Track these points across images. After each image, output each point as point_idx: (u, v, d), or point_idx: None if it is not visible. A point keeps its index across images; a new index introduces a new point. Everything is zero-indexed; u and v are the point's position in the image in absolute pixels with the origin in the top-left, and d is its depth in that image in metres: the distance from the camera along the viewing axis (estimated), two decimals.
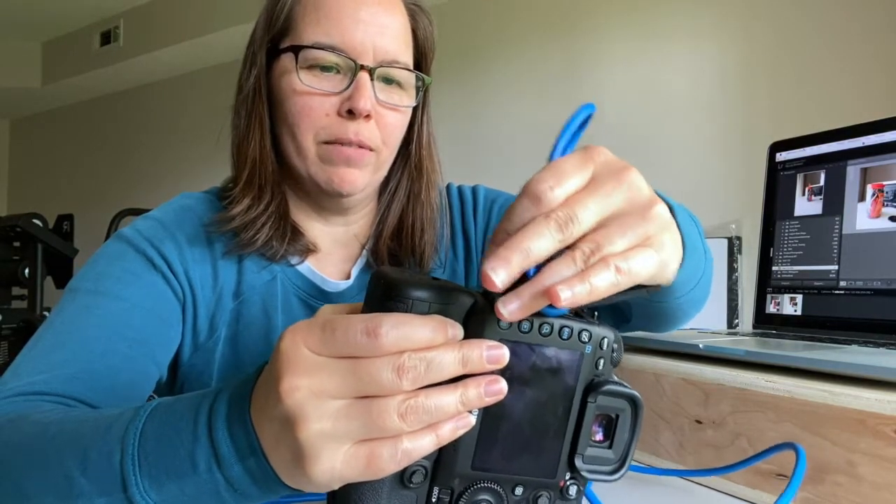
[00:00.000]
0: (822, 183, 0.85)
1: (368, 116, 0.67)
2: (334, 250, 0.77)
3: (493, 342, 0.32)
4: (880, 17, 1.83)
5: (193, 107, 3.69)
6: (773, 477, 0.53)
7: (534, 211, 0.32)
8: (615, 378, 0.36)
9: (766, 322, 0.89)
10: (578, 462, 0.36)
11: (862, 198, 0.80)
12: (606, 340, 0.35)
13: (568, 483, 0.36)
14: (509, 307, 0.31)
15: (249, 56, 0.71)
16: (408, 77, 0.70)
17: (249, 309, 0.71)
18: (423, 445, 0.32)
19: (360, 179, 0.69)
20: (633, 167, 0.35)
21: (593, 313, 0.36)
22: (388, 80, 0.69)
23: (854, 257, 0.80)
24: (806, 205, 0.87)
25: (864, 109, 1.20)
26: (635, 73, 2.30)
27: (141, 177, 4.01)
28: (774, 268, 0.89)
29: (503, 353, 0.32)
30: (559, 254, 0.32)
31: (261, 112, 0.70)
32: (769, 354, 0.60)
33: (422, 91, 0.73)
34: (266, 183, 0.71)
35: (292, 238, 0.71)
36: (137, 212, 2.70)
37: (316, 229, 0.76)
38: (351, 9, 0.66)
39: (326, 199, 0.72)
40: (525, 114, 2.54)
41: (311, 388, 0.32)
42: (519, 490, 0.36)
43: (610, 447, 0.36)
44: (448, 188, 0.85)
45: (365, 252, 0.78)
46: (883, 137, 0.79)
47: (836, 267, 0.82)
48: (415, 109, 0.74)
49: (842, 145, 0.84)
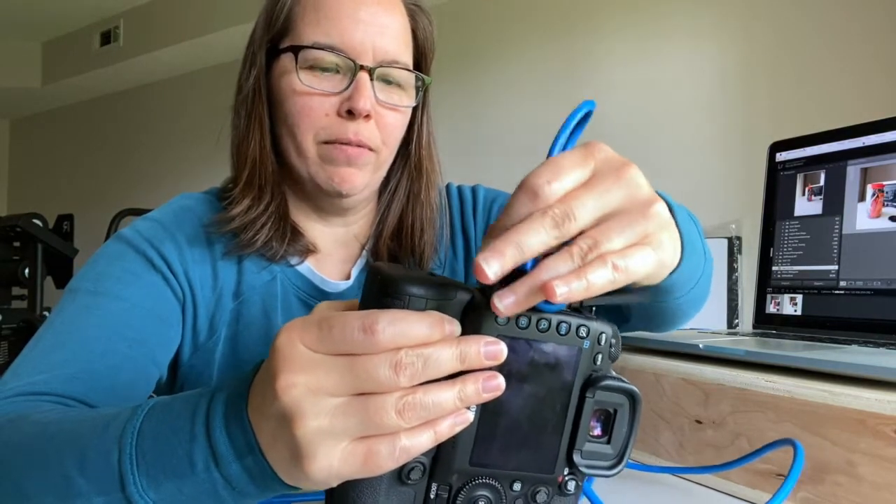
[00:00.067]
0: (822, 183, 0.85)
1: (368, 116, 0.67)
2: (334, 251, 0.77)
3: (491, 338, 0.32)
4: (880, 17, 1.83)
5: (193, 107, 3.69)
6: (773, 476, 0.53)
7: (530, 206, 0.32)
8: (613, 373, 0.36)
9: (766, 322, 0.89)
10: (577, 457, 0.35)
11: (862, 198, 0.80)
12: (604, 336, 0.35)
13: (566, 478, 0.36)
14: (505, 302, 0.31)
15: (249, 56, 0.71)
16: (407, 77, 0.70)
17: (249, 309, 0.71)
18: (421, 442, 0.32)
19: (360, 179, 0.69)
20: (634, 164, 0.35)
21: (591, 309, 0.36)
22: (388, 81, 0.69)
23: (854, 257, 0.80)
24: (806, 205, 0.87)
25: (864, 109, 1.20)
26: (635, 73, 2.30)
27: (141, 177, 4.01)
28: (774, 268, 0.89)
29: (501, 349, 0.32)
30: (557, 250, 0.32)
31: (260, 112, 0.70)
32: (769, 354, 0.60)
33: (421, 91, 0.73)
34: (266, 183, 0.71)
35: (292, 238, 0.71)
36: (137, 212, 2.70)
37: (316, 230, 0.76)
38: (350, 9, 0.66)
39: (326, 200, 0.72)
40: (525, 114, 2.54)
41: (308, 385, 0.32)
42: (517, 486, 0.36)
43: (608, 442, 0.36)
44: (448, 188, 0.85)
45: (365, 252, 0.78)
46: (883, 137, 0.79)
47: (836, 267, 0.82)
48: (415, 109, 0.74)
49: (842, 145, 0.84)
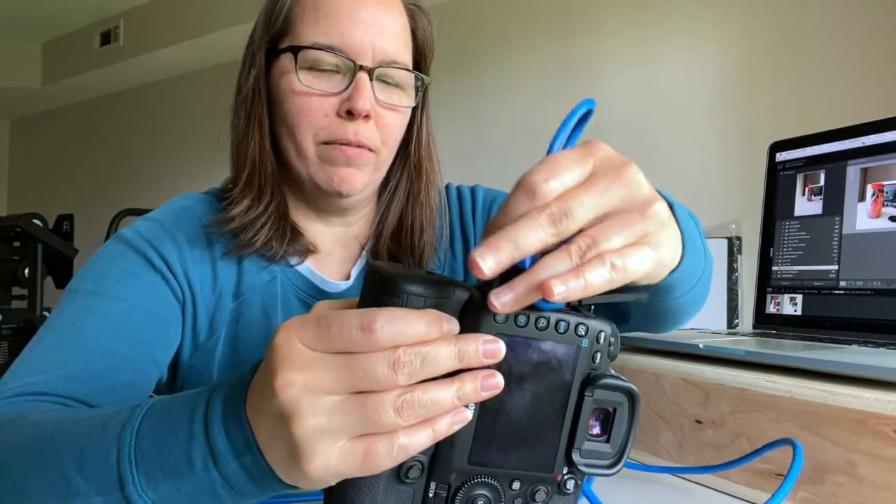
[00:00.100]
0: (822, 183, 0.85)
1: (368, 117, 0.67)
2: (334, 251, 0.77)
3: (489, 336, 0.32)
4: (880, 17, 1.83)
5: (193, 107, 3.69)
6: (773, 476, 0.53)
7: (528, 204, 0.32)
8: (612, 372, 0.35)
9: (766, 322, 0.89)
10: (576, 456, 0.35)
11: (862, 198, 0.80)
12: (603, 334, 0.35)
13: (565, 477, 0.36)
14: (502, 299, 0.31)
15: (248, 56, 0.71)
16: (407, 77, 0.70)
17: (249, 309, 0.71)
18: (420, 440, 0.32)
19: (360, 179, 0.69)
20: (634, 163, 0.35)
21: (590, 308, 0.36)
22: (388, 81, 0.69)
23: (854, 257, 0.80)
24: (806, 205, 0.86)
25: (864, 109, 1.20)
26: (635, 73, 2.30)
27: (141, 177, 4.01)
28: (774, 268, 0.89)
29: (499, 348, 0.32)
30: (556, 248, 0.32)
31: (260, 113, 0.70)
32: (769, 354, 0.60)
33: (421, 91, 0.73)
34: (265, 183, 0.71)
35: (292, 239, 0.71)
36: (137, 212, 2.70)
37: (316, 230, 0.76)
38: (350, 9, 0.66)
39: (326, 200, 0.72)
40: (525, 114, 2.54)
41: (306, 384, 0.32)
42: (516, 485, 0.35)
43: (607, 441, 0.36)
44: (447, 188, 0.85)
45: (365, 253, 0.78)
46: (883, 137, 0.79)
47: (836, 267, 0.82)
48: (414, 109, 0.73)
49: (842, 145, 0.83)
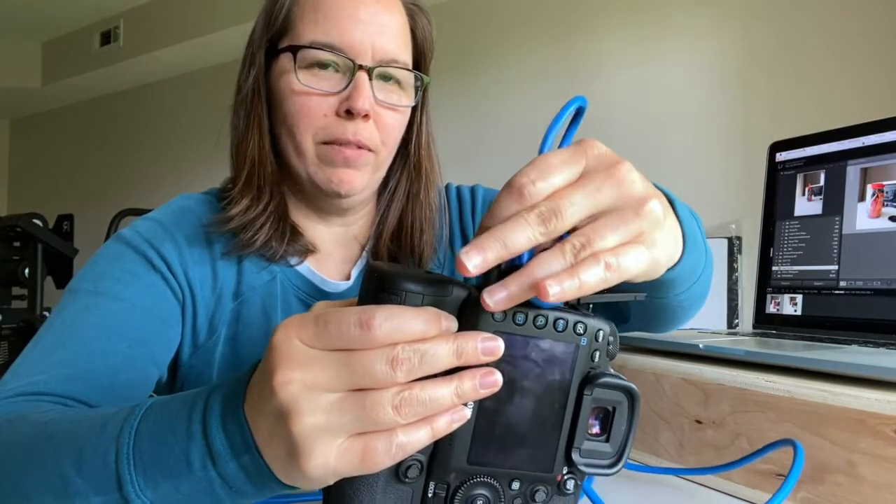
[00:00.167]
0: (822, 183, 0.85)
1: (367, 116, 0.67)
2: (334, 251, 0.77)
3: (488, 334, 0.32)
4: (880, 17, 1.83)
5: (193, 107, 3.69)
6: (773, 477, 0.53)
7: (516, 206, 0.32)
8: (611, 371, 0.35)
9: (766, 322, 0.89)
10: (575, 456, 0.35)
11: (862, 198, 0.80)
12: (602, 333, 0.35)
13: (565, 477, 0.36)
14: (495, 297, 0.31)
15: (248, 56, 0.71)
16: (406, 77, 0.70)
17: (249, 309, 0.71)
18: (418, 438, 0.32)
19: (359, 180, 0.69)
20: (628, 161, 0.35)
21: (588, 307, 0.35)
22: (387, 79, 0.69)
23: (854, 257, 0.80)
24: (806, 205, 0.86)
25: (864, 109, 1.20)
26: (635, 73, 2.30)
27: (141, 177, 4.01)
28: (774, 268, 0.89)
29: (498, 345, 0.32)
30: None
31: (259, 112, 0.70)
32: (769, 354, 0.60)
33: (421, 91, 0.73)
34: (265, 183, 0.71)
35: (291, 238, 0.71)
36: (137, 212, 2.70)
37: (315, 230, 0.76)
38: (350, 8, 0.66)
39: (325, 200, 0.72)
40: (525, 114, 2.54)
41: (305, 382, 0.32)
42: (516, 484, 0.35)
43: (607, 440, 0.36)
44: (447, 188, 0.85)
45: (365, 253, 0.78)
46: (883, 137, 0.79)
47: (836, 267, 0.81)
48: (414, 109, 0.73)
49: (842, 145, 0.83)
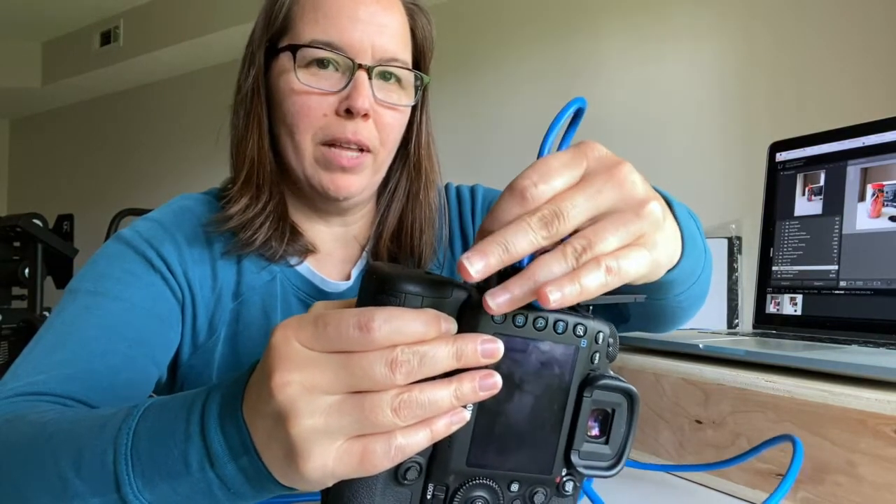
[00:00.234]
0: (822, 183, 0.85)
1: (367, 116, 0.67)
2: (334, 251, 0.77)
3: (488, 336, 0.32)
4: (880, 17, 1.83)
5: (193, 107, 3.69)
6: (773, 476, 0.53)
7: (517, 209, 0.32)
8: (611, 373, 0.35)
9: (766, 322, 0.89)
10: (574, 458, 0.35)
11: (862, 198, 0.80)
12: (602, 335, 0.34)
13: (564, 479, 0.36)
14: (498, 300, 0.31)
15: (248, 56, 0.71)
16: (406, 76, 0.70)
17: (249, 309, 0.71)
18: (417, 441, 0.32)
19: (357, 184, 0.69)
20: (628, 162, 0.35)
21: (588, 308, 0.35)
22: (387, 79, 0.69)
23: (854, 257, 0.80)
24: (806, 205, 0.86)
25: (864, 109, 1.20)
26: (635, 74, 2.30)
27: (141, 177, 4.01)
28: (774, 268, 0.89)
29: (497, 347, 0.32)
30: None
31: (259, 112, 0.70)
32: (769, 354, 0.60)
33: (420, 90, 0.73)
34: (264, 183, 0.71)
35: (291, 238, 0.71)
36: (137, 212, 2.70)
37: (315, 230, 0.76)
38: (349, 8, 0.66)
39: (324, 201, 0.72)
40: (526, 114, 2.54)
41: (303, 383, 0.31)
42: (515, 486, 0.35)
43: (606, 442, 0.36)
44: (447, 188, 0.84)
45: (365, 254, 0.78)
46: (883, 137, 0.79)
47: (836, 267, 0.81)
48: (414, 109, 0.73)
49: (842, 145, 0.83)
